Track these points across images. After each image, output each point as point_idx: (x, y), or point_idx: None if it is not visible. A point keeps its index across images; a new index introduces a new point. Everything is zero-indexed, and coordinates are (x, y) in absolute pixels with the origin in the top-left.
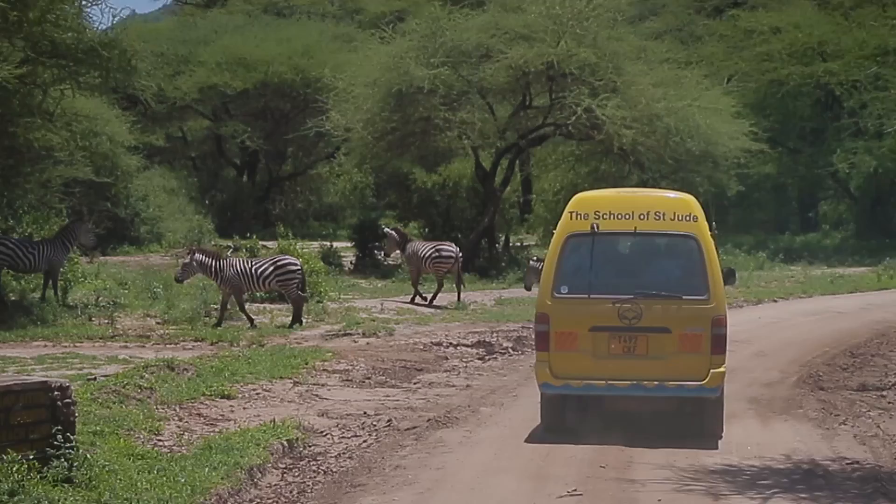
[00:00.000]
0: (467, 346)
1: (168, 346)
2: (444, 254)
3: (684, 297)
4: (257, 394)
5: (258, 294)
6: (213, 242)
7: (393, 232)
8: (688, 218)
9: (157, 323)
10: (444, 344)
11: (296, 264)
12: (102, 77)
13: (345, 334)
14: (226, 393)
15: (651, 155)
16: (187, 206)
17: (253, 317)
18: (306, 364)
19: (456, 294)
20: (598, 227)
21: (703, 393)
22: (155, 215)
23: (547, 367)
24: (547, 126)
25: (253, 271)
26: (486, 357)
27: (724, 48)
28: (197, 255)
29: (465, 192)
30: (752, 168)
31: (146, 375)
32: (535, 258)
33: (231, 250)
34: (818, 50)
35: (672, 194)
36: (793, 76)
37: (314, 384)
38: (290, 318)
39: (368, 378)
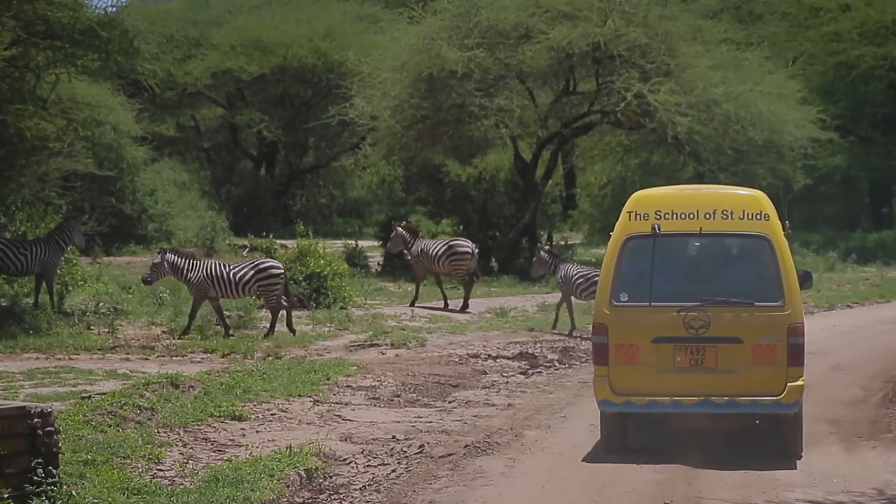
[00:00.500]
0: (508, 358)
1: (174, 358)
2: (459, 250)
3: (757, 304)
4: (272, 414)
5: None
6: (227, 241)
7: (401, 230)
8: (758, 216)
9: (163, 332)
10: (483, 356)
11: (278, 268)
12: (102, 60)
13: (371, 345)
14: (236, 414)
15: (708, 145)
16: (199, 202)
17: (274, 325)
18: (328, 380)
19: (463, 296)
20: (659, 228)
21: (779, 409)
22: (164, 211)
23: (606, 383)
24: (593, 113)
25: (231, 276)
26: (530, 371)
27: (788, 27)
28: (168, 255)
29: (503, 186)
30: (819, 159)
31: (147, 394)
32: (545, 247)
33: (247, 250)
34: (892, 29)
35: (741, 190)
36: (864, 58)
37: (336, 403)
38: (273, 327)
39: (397, 396)
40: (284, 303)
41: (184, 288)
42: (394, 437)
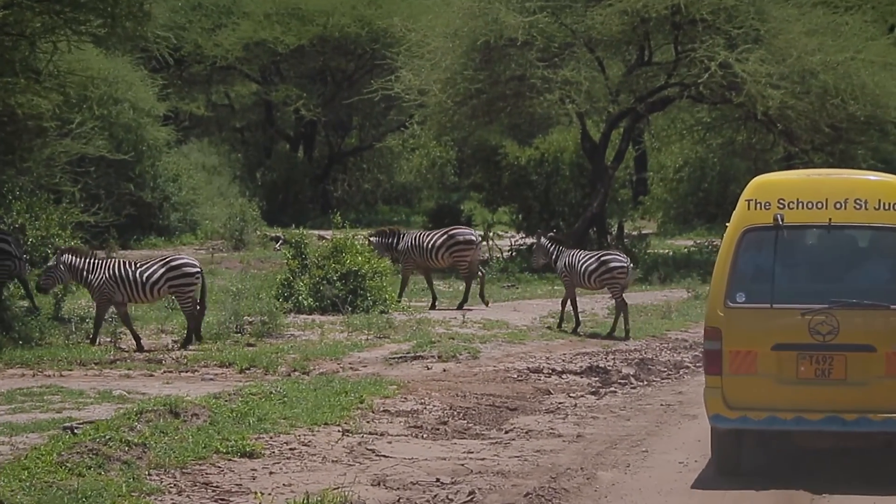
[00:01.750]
0: (575, 373)
1: (183, 374)
2: (460, 238)
3: (893, 307)
4: (291, 449)
5: (306, 302)
6: (257, 232)
7: (375, 238)
8: None
9: (174, 341)
10: (546, 371)
11: (193, 266)
12: (107, 26)
13: (415, 357)
14: (247, 449)
15: (803, 121)
16: (229, 188)
17: (298, 332)
18: (361, 403)
19: (462, 294)
20: (782, 219)
21: None
22: (188, 199)
23: (719, 395)
24: (671, 86)
25: (137, 277)
26: (602, 390)
27: None
28: (64, 255)
29: (567, 170)
30: None
31: (139, 425)
32: (547, 234)
33: (280, 242)
34: None
35: (875, 176)
36: None
37: (370, 433)
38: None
39: (444, 423)
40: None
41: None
42: (438, 479)
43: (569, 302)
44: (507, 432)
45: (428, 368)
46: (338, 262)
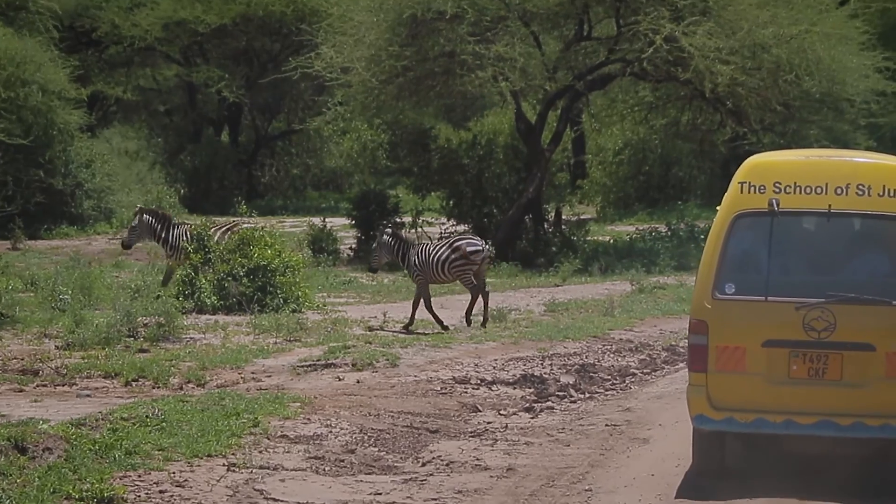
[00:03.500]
0: (507, 383)
1: (59, 387)
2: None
3: (895, 303)
4: (161, 492)
5: (209, 301)
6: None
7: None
8: None
9: (57, 347)
10: (474, 381)
11: None
12: None
13: (326, 365)
14: (106, 494)
15: (754, 99)
16: (149, 174)
17: (198, 336)
18: (255, 426)
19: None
20: (778, 205)
21: None
22: (103, 186)
23: (703, 394)
24: (612, 63)
25: None
26: (537, 405)
27: None
28: None
29: (502, 153)
30: (882, 117)
31: None
32: (388, 230)
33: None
34: None
35: (882, 159)
36: None
37: (261, 468)
38: None
39: (351, 452)
40: None
41: (95, 289)
42: None
43: (422, 302)
44: (424, 464)
45: (339, 379)
46: (245, 256)
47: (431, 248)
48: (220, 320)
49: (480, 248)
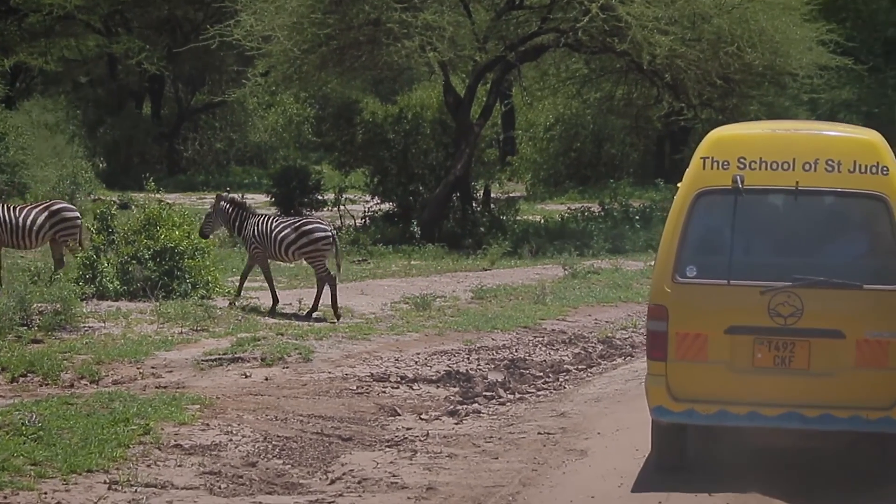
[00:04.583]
0: (430, 381)
1: None
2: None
3: (866, 287)
4: None
5: (112, 286)
6: (91, 196)
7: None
8: (874, 169)
9: None
10: (393, 378)
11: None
12: None
13: (232, 360)
14: None
15: (693, 72)
16: (66, 148)
17: (98, 325)
18: (146, 434)
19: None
20: (742, 181)
21: (889, 428)
22: (17, 160)
23: (663, 384)
24: (546, 33)
25: None
26: (463, 407)
27: None
28: None
29: (429, 128)
30: (823, 92)
31: None
32: (227, 197)
33: (115, 207)
34: None
35: (852, 132)
36: None
37: (147, 486)
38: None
39: (252, 465)
40: None
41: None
42: None
43: (263, 277)
44: (333, 481)
45: (246, 376)
46: (150, 238)
47: (273, 224)
48: (123, 307)
49: (329, 234)
